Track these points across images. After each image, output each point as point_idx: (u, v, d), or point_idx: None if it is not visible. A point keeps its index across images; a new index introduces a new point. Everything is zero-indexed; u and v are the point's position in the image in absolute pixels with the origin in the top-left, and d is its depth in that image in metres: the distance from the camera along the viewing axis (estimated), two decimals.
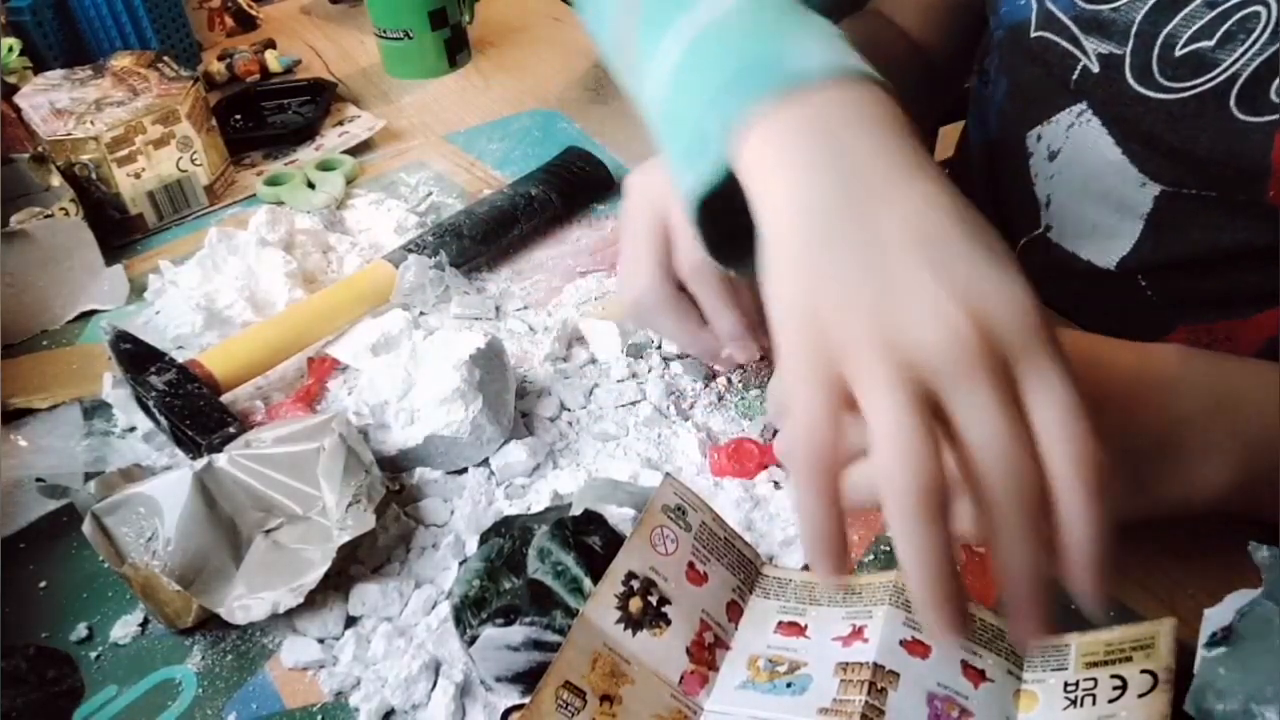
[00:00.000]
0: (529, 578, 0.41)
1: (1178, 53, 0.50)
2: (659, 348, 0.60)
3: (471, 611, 0.41)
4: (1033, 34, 0.57)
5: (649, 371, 0.59)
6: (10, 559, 0.49)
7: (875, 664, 0.38)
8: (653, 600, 0.40)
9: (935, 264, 0.30)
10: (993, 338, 0.29)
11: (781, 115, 0.35)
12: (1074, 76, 0.56)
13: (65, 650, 0.45)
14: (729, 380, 0.58)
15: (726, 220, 0.40)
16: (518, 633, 0.40)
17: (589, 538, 0.42)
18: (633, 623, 0.39)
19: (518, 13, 1.13)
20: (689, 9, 0.42)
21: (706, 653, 0.40)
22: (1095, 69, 0.54)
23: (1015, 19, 0.59)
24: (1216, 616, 0.38)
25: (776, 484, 0.50)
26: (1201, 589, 0.42)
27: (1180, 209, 0.54)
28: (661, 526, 0.42)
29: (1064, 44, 0.55)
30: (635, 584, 0.40)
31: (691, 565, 0.42)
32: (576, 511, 0.44)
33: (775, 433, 0.54)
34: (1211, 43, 0.48)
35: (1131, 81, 0.52)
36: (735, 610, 0.43)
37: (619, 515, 0.44)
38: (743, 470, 0.51)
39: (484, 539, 0.45)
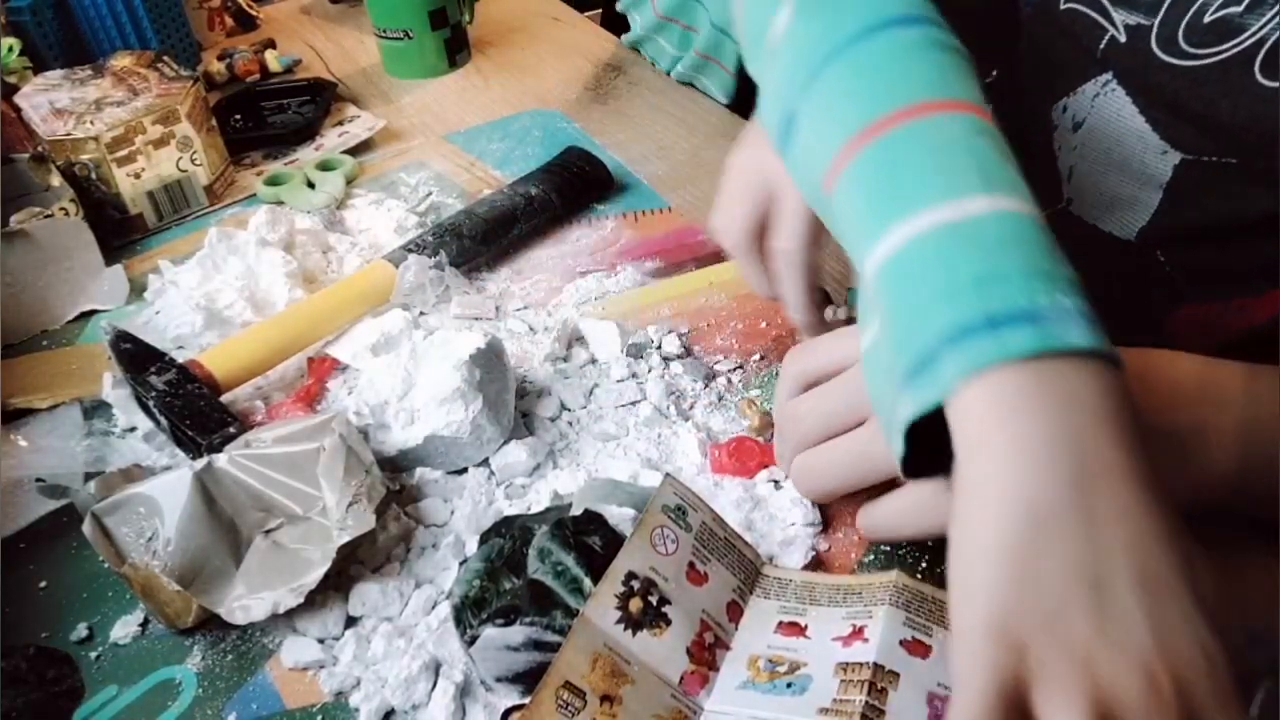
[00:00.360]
0: (529, 578, 0.41)
1: (1206, 19, 0.50)
2: (659, 348, 0.60)
3: (472, 611, 0.41)
4: (1062, 6, 0.58)
5: (649, 371, 0.59)
6: (10, 559, 0.49)
7: (875, 664, 0.38)
8: (653, 600, 0.40)
9: (1152, 612, 0.30)
10: (1187, 700, 0.29)
11: (1027, 379, 0.32)
12: (1101, 46, 0.56)
13: (65, 650, 0.45)
14: (729, 380, 0.58)
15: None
16: (518, 633, 0.40)
17: (589, 538, 0.42)
18: (633, 623, 0.39)
19: (518, 13, 1.13)
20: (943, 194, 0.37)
21: (707, 653, 0.40)
22: (1122, 39, 0.54)
23: None
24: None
25: (776, 483, 0.50)
26: None
27: (1199, 177, 0.55)
28: (662, 526, 0.42)
29: (1093, 14, 0.56)
30: (635, 584, 0.40)
31: (692, 565, 0.42)
32: (576, 511, 0.44)
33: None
34: (1240, 8, 0.49)
35: (1157, 50, 0.53)
36: (735, 610, 0.43)
37: (619, 515, 0.44)
38: (743, 469, 0.51)
39: (484, 539, 0.45)
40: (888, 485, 0.44)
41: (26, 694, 0.43)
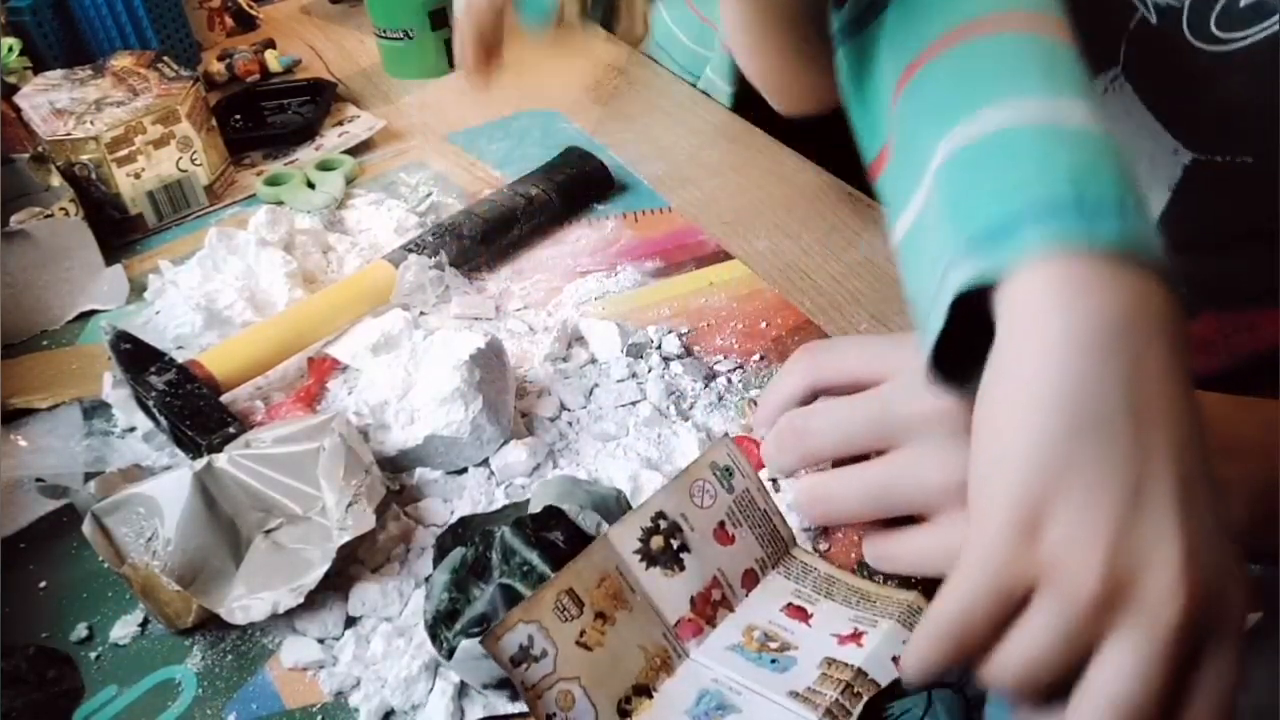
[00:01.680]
0: (498, 582, 0.41)
1: (1243, 3, 0.49)
2: (659, 348, 0.60)
3: (445, 625, 0.41)
4: None
5: (649, 371, 0.59)
6: (10, 559, 0.49)
7: (860, 669, 0.38)
8: (674, 543, 0.41)
9: (1185, 520, 0.29)
10: (1206, 618, 0.29)
11: (1105, 269, 0.31)
12: (1131, 26, 0.54)
13: (65, 650, 0.45)
14: (729, 380, 0.58)
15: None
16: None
17: (551, 533, 0.42)
18: (649, 557, 0.40)
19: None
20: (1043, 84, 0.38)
21: (710, 608, 0.41)
22: (1153, 19, 0.53)
23: None
24: None
25: (774, 482, 0.50)
26: None
27: (1210, 179, 0.54)
28: (704, 480, 0.43)
29: None
30: (663, 524, 0.41)
31: (722, 525, 0.43)
32: (536, 508, 0.44)
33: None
34: None
35: (1187, 34, 0.51)
36: (751, 579, 0.43)
37: (575, 514, 0.44)
38: None
39: (440, 544, 0.45)
40: (904, 519, 0.41)
41: (26, 694, 0.43)
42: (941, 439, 0.39)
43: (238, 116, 0.91)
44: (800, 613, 0.42)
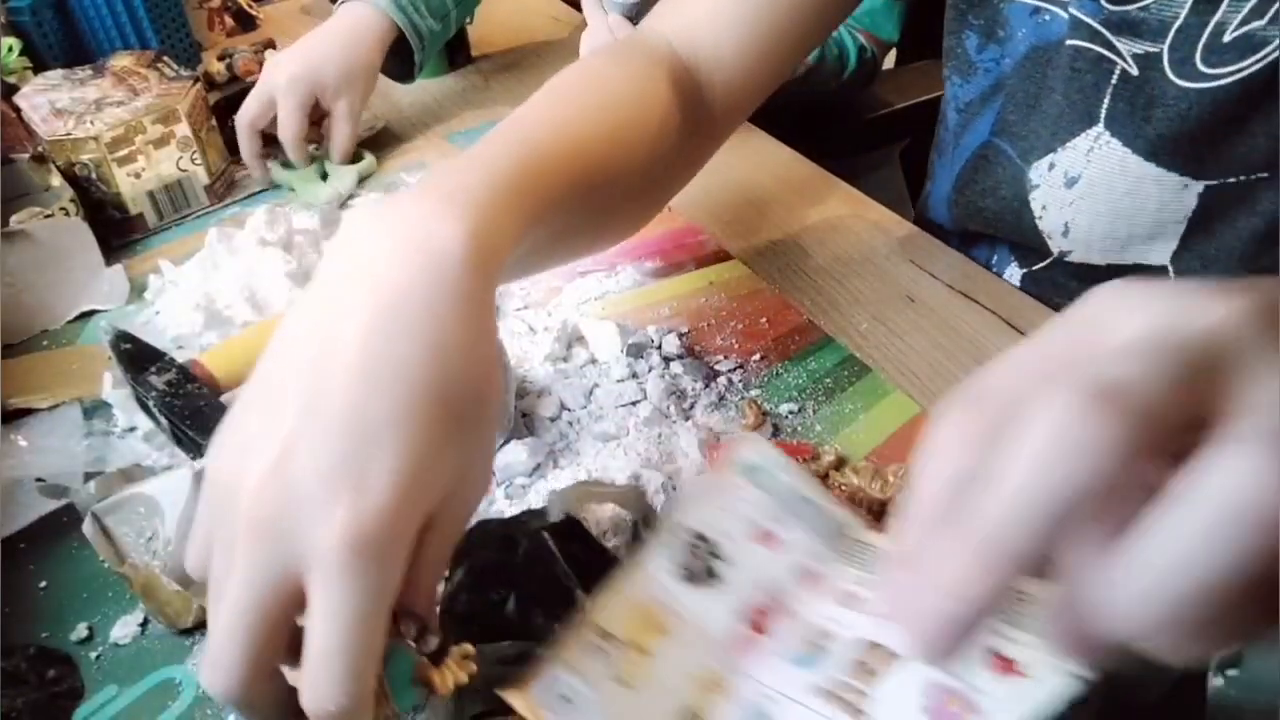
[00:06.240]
0: (519, 590, 0.41)
1: (1227, 38, 0.48)
2: (659, 348, 0.60)
3: (462, 630, 0.41)
4: (1067, 42, 0.56)
5: (649, 371, 0.59)
6: (10, 559, 0.49)
7: (872, 643, 0.35)
8: (710, 558, 0.38)
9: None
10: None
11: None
12: (1112, 82, 0.54)
13: (65, 650, 0.45)
14: (729, 380, 0.58)
15: None
16: (512, 648, 0.39)
17: (572, 543, 0.42)
18: (684, 578, 0.38)
19: (518, 13, 1.13)
20: None
21: (761, 617, 0.37)
22: (1134, 71, 0.53)
23: (1041, 39, 0.58)
24: None
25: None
26: None
27: (1226, 200, 0.53)
28: (733, 484, 0.40)
29: (1098, 49, 0.54)
30: (694, 540, 0.38)
31: (762, 527, 0.40)
32: (555, 516, 0.44)
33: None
34: (1264, 21, 0.47)
35: (1172, 76, 0.51)
36: (811, 578, 0.39)
37: (599, 513, 0.44)
38: None
39: (461, 554, 0.45)
40: None
41: (26, 694, 0.43)
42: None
43: (235, 117, 0.91)
44: (855, 600, 0.38)
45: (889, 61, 1.12)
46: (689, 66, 0.52)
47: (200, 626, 0.45)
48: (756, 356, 0.60)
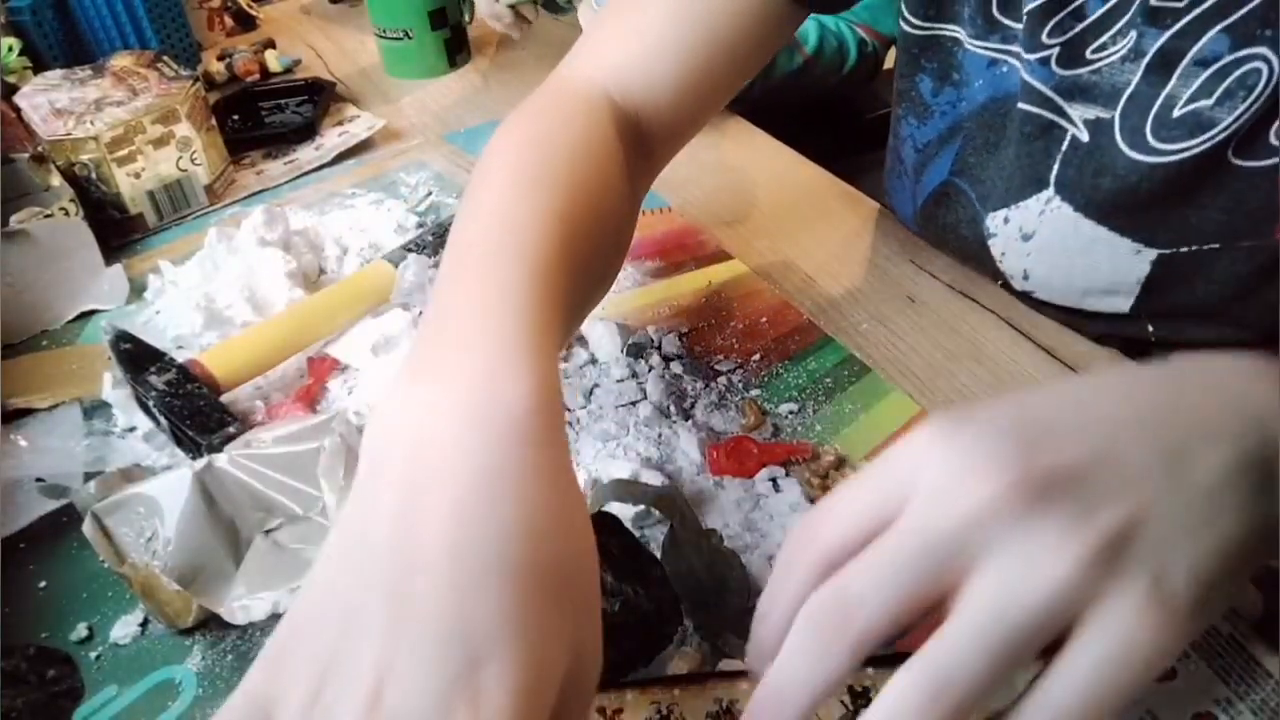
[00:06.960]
0: None
1: (1176, 113, 0.48)
2: (659, 348, 0.60)
3: None
4: (1019, 105, 0.55)
5: (649, 371, 0.59)
6: (10, 559, 0.49)
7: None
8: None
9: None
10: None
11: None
12: (1062, 148, 0.54)
13: (65, 650, 0.45)
14: (729, 380, 0.58)
15: None
16: None
17: (607, 539, 0.42)
18: None
19: None
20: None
21: None
22: (1085, 138, 0.52)
23: (999, 91, 0.57)
24: None
25: (775, 482, 0.50)
26: None
27: (1180, 266, 0.53)
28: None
29: (1049, 115, 0.53)
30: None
31: None
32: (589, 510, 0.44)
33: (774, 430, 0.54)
34: (1210, 101, 0.47)
35: (1123, 146, 0.50)
36: None
37: (630, 513, 0.44)
38: (742, 469, 0.51)
39: None
40: None
41: (26, 694, 0.43)
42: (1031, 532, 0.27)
43: (237, 116, 0.91)
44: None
45: (889, 61, 1.11)
46: (625, 110, 0.51)
47: (200, 626, 0.45)
48: (756, 356, 0.60)
